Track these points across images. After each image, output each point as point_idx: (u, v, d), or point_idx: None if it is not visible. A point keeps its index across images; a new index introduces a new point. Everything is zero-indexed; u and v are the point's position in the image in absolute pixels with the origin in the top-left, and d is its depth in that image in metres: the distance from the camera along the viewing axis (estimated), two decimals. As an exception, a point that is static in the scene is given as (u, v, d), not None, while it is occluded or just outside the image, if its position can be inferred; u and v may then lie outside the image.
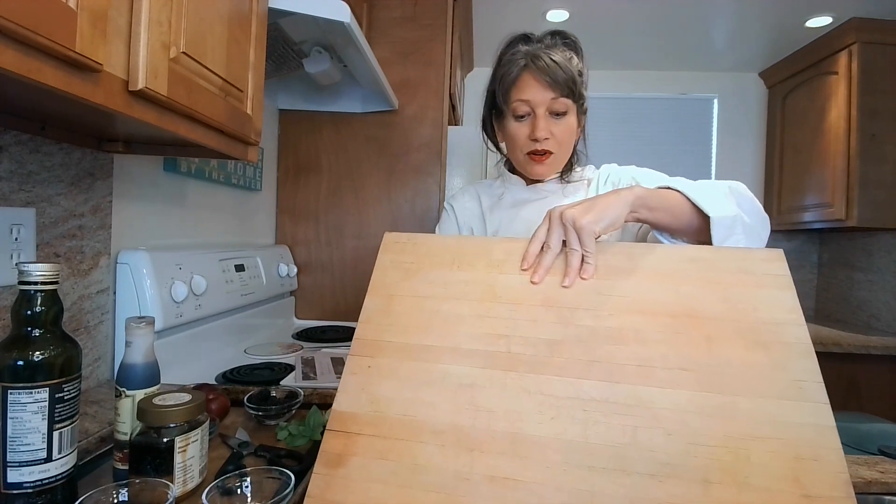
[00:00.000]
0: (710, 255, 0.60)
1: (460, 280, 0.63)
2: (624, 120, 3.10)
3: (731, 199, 0.72)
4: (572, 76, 0.87)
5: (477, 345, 0.57)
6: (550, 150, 0.91)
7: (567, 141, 0.93)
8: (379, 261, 0.67)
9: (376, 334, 0.60)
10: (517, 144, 0.94)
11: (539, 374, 0.54)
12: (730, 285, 0.57)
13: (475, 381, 0.54)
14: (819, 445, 0.46)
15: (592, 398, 0.51)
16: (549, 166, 0.95)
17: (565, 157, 0.96)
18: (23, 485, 0.51)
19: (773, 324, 0.53)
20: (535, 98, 0.89)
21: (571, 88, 0.88)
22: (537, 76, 0.87)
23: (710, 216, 0.68)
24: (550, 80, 0.86)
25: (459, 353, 0.57)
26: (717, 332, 0.54)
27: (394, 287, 0.64)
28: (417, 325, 0.60)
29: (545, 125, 0.89)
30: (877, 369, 2.17)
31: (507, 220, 1.01)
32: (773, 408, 0.49)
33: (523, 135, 0.92)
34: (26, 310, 0.52)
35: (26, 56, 0.45)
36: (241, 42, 0.86)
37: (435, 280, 0.64)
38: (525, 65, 0.88)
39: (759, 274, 0.57)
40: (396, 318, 0.61)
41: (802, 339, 0.52)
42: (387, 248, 0.68)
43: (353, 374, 0.58)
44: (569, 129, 0.92)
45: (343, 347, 1.44)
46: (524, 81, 0.89)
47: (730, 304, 0.55)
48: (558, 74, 0.86)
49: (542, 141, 0.90)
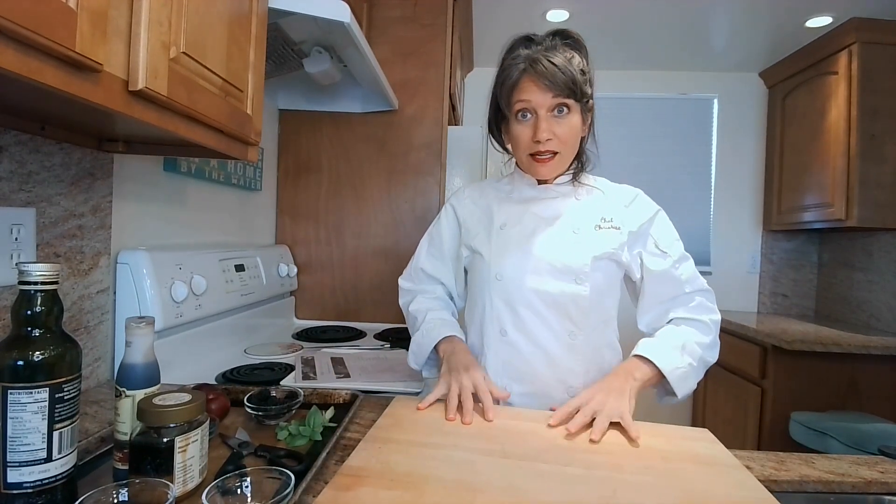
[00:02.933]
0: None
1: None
2: (624, 120, 3.10)
3: (685, 356, 0.91)
4: (572, 76, 0.88)
5: (475, 443, 0.72)
6: (554, 150, 0.92)
7: (571, 140, 0.93)
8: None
9: (386, 433, 0.75)
10: (521, 146, 0.95)
11: (530, 461, 0.67)
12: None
13: (476, 459, 0.67)
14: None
15: (576, 475, 0.64)
16: (554, 167, 0.95)
17: (570, 156, 0.96)
18: (23, 485, 0.51)
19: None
20: (535, 99, 0.89)
21: (572, 89, 0.88)
22: (536, 80, 0.88)
23: (678, 396, 0.91)
24: (549, 83, 0.87)
25: (460, 447, 0.71)
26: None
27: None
28: (424, 432, 0.76)
29: (547, 126, 0.90)
30: (877, 369, 2.17)
31: (517, 214, 1.00)
32: None
33: (526, 136, 0.92)
34: (26, 310, 0.52)
35: (26, 56, 0.45)
36: (241, 42, 0.86)
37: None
38: (524, 69, 0.89)
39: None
40: (405, 430, 0.77)
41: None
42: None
43: (365, 449, 0.69)
44: (572, 128, 0.92)
45: (343, 347, 1.44)
46: (524, 84, 0.90)
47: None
48: (557, 76, 0.87)
49: (545, 142, 0.90)
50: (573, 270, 0.93)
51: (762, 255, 3.07)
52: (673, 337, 0.93)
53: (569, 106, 0.90)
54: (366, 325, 1.80)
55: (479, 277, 1.01)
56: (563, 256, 0.94)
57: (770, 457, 0.78)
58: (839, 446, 1.82)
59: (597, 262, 0.94)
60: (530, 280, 0.95)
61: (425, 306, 1.07)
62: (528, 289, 0.95)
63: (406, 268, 1.17)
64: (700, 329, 0.94)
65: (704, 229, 3.12)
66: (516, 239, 0.98)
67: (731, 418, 2.55)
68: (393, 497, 0.56)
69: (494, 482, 0.61)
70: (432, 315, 1.03)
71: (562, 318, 0.95)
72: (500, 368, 0.98)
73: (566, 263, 0.94)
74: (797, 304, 3.03)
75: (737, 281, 3.06)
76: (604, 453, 0.71)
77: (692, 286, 0.96)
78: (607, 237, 0.95)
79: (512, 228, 0.99)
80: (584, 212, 0.98)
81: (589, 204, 0.99)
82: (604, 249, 0.94)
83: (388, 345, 1.49)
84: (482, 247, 1.01)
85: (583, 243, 0.95)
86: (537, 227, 0.98)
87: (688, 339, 0.92)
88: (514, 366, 0.97)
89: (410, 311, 1.09)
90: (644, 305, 0.99)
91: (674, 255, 0.96)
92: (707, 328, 0.95)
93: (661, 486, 0.61)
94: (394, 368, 1.23)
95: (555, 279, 0.94)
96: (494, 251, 0.99)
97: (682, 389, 0.90)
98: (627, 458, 0.70)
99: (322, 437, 0.77)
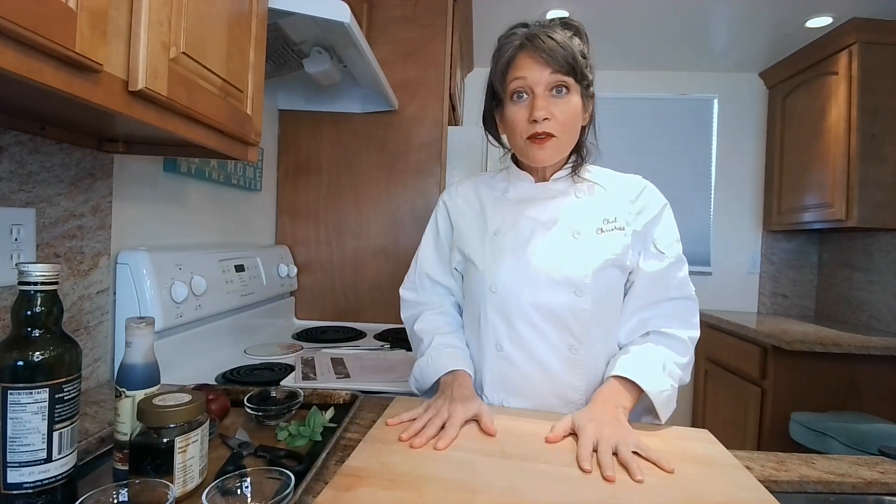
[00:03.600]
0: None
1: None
2: (624, 120, 3.10)
3: (667, 377, 0.85)
4: (572, 53, 0.82)
5: (475, 444, 0.73)
6: (552, 132, 0.84)
7: (570, 123, 0.86)
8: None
9: (386, 434, 0.75)
10: (517, 129, 0.87)
11: (531, 461, 0.67)
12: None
13: (475, 460, 0.67)
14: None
15: (576, 476, 0.64)
16: (552, 151, 0.86)
17: (569, 141, 0.88)
18: (23, 485, 0.51)
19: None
20: (532, 76, 0.83)
21: (572, 66, 0.82)
22: (534, 54, 0.82)
23: (661, 420, 0.84)
24: (548, 57, 0.81)
25: (460, 448, 0.71)
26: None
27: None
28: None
29: (544, 104, 0.83)
30: (877, 369, 2.17)
31: (511, 219, 0.93)
32: None
33: (522, 118, 0.85)
34: (26, 310, 0.52)
35: (26, 56, 0.45)
36: (241, 42, 0.86)
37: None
38: (521, 44, 0.84)
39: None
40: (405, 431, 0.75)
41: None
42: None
43: (365, 450, 0.69)
44: (572, 109, 0.85)
45: (343, 348, 1.44)
46: (521, 60, 0.84)
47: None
48: (557, 51, 0.81)
49: (542, 122, 0.83)
50: (573, 282, 0.86)
51: (762, 255, 3.07)
52: (652, 356, 0.87)
53: (568, 86, 0.84)
54: (366, 325, 1.80)
55: (474, 288, 0.94)
56: (562, 266, 0.86)
57: (770, 457, 0.77)
58: (839, 447, 1.82)
59: (599, 271, 0.86)
60: (527, 293, 0.87)
61: (432, 327, 0.98)
62: (526, 302, 0.87)
63: (407, 275, 1.07)
64: (676, 349, 0.88)
65: (704, 229, 3.12)
66: (511, 246, 0.90)
67: (731, 418, 2.55)
68: (393, 497, 0.56)
69: (494, 483, 0.61)
70: (439, 340, 0.94)
71: (561, 332, 0.87)
72: (497, 383, 0.92)
73: (566, 274, 0.86)
74: (797, 305, 3.03)
75: (737, 281, 3.06)
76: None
77: (680, 292, 0.91)
78: (610, 241, 0.88)
79: (506, 234, 0.92)
80: (584, 212, 0.90)
81: (590, 203, 0.91)
82: (606, 256, 0.87)
83: (388, 345, 1.49)
84: (475, 254, 0.94)
85: (584, 250, 0.87)
86: (534, 232, 0.90)
87: (667, 359, 0.87)
88: (511, 381, 0.91)
89: (416, 331, 1.00)
90: (626, 310, 0.92)
91: (671, 256, 0.90)
92: (685, 347, 0.89)
93: (661, 487, 0.61)
94: (394, 369, 1.22)
95: (553, 291, 0.86)
96: (488, 260, 0.91)
97: (665, 413, 0.84)
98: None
99: (322, 438, 0.77)
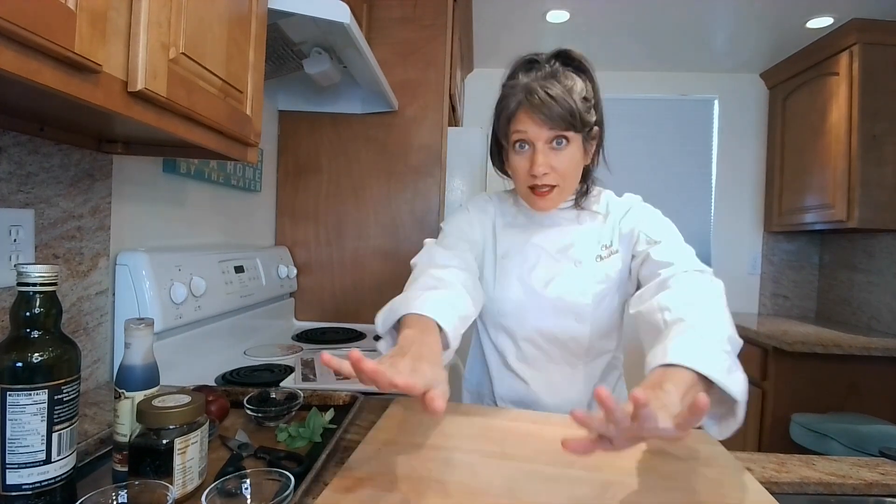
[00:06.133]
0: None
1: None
2: (624, 121, 3.10)
3: (733, 354, 0.68)
4: (570, 108, 0.84)
5: (476, 445, 0.72)
6: (552, 184, 0.89)
7: (571, 172, 0.90)
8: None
9: (386, 435, 0.74)
10: (519, 178, 0.92)
11: (531, 462, 0.67)
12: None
13: (476, 461, 0.67)
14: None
15: (577, 477, 0.63)
16: (553, 200, 0.92)
17: (571, 188, 0.93)
18: (22, 487, 0.50)
19: None
20: (531, 131, 0.87)
21: (570, 121, 0.85)
22: (532, 113, 0.85)
23: (739, 400, 0.63)
24: (545, 117, 0.84)
25: (461, 449, 0.71)
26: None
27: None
28: (424, 433, 0.75)
29: (544, 160, 0.87)
30: (877, 371, 2.17)
31: (518, 244, 0.99)
32: None
33: (524, 168, 0.89)
34: (25, 311, 0.52)
35: (25, 57, 0.45)
36: (241, 43, 0.86)
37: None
38: (521, 100, 0.87)
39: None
40: (406, 432, 0.76)
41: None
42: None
43: (365, 451, 0.68)
44: (572, 160, 0.89)
45: (343, 349, 1.44)
46: (521, 116, 0.87)
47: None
48: (554, 110, 0.84)
49: (542, 176, 0.87)
50: (573, 310, 0.93)
51: (763, 256, 3.07)
52: (692, 327, 0.69)
53: (568, 138, 0.87)
54: (365, 326, 1.79)
55: (482, 306, 0.98)
56: (564, 296, 0.93)
57: (771, 458, 0.77)
58: (840, 448, 1.82)
59: (599, 299, 0.93)
60: (532, 319, 0.96)
61: (427, 262, 0.91)
62: (531, 327, 0.96)
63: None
64: (710, 294, 0.77)
65: (705, 230, 3.11)
66: (517, 272, 0.97)
67: (731, 419, 2.54)
68: (393, 499, 0.56)
69: (495, 484, 0.61)
70: (425, 280, 0.83)
71: (563, 352, 0.96)
72: (506, 395, 1.01)
73: (568, 303, 0.93)
74: (798, 306, 3.02)
75: (737, 282, 3.06)
76: (604, 455, 0.71)
77: (690, 266, 0.83)
78: (608, 266, 0.94)
79: (513, 259, 0.98)
80: (586, 240, 0.96)
81: (591, 230, 0.97)
82: (606, 284, 0.93)
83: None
84: (486, 271, 1.00)
85: (584, 279, 0.94)
86: (539, 259, 0.97)
87: (706, 321, 0.72)
88: (518, 393, 0.99)
89: (412, 264, 0.95)
90: (638, 295, 0.84)
91: (667, 238, 0.88)
92: (716, 291, 0.79)
93: (661, 488, 0.61)
94: (394, 370, 1.22)
95: (556, 318, 0.94)
96: (497, 283, 0.98)
97: (738, 387, 0.62)
98: (628, 459, 0.70)
99: (322, 439, 0.76)
